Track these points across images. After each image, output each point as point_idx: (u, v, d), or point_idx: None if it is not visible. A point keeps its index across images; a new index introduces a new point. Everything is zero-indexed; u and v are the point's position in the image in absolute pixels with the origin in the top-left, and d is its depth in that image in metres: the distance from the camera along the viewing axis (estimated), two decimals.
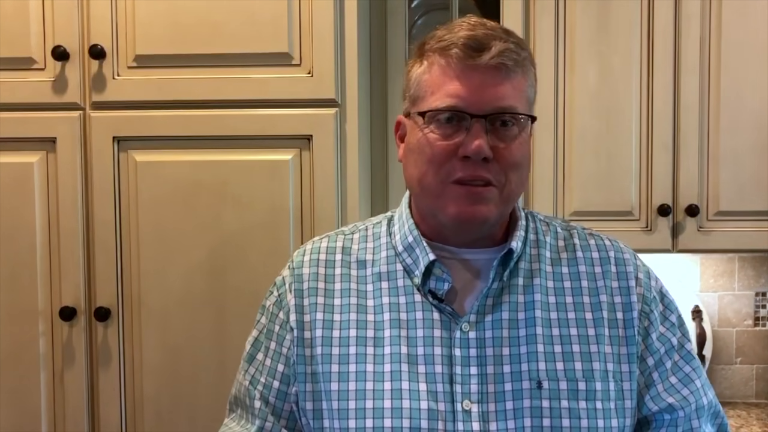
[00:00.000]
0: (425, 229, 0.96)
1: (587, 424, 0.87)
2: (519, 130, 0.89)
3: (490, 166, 0.87)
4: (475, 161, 0.86)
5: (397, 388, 0.88)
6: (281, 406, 0.95)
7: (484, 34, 0.87)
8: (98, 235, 1.49)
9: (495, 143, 0.87)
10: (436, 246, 0.94)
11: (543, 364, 0.89)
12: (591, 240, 0.98)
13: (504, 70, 0.87)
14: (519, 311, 0.91)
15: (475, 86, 0.87)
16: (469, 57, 0.87)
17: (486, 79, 0.87)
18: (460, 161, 0.87)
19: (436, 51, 0.89)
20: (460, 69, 0.87)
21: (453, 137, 0.87)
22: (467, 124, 0.87)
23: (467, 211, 0.88)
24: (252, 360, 0.99)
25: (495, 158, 0.87)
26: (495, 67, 0.87)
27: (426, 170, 0.89)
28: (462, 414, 0.87)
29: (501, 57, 0.86)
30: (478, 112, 0.86)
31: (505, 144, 0.88)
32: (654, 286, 0.97)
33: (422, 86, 0.91)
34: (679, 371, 0.95)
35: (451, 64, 0.88)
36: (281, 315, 0.96)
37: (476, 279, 0.94)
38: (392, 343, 0.90)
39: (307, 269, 0.97)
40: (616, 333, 0.92)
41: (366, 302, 0.94)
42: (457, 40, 0.87)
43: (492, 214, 0.89)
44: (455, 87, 0.87)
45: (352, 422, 0.88)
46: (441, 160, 0.88)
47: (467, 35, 0.87)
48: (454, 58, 0.87)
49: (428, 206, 0.92)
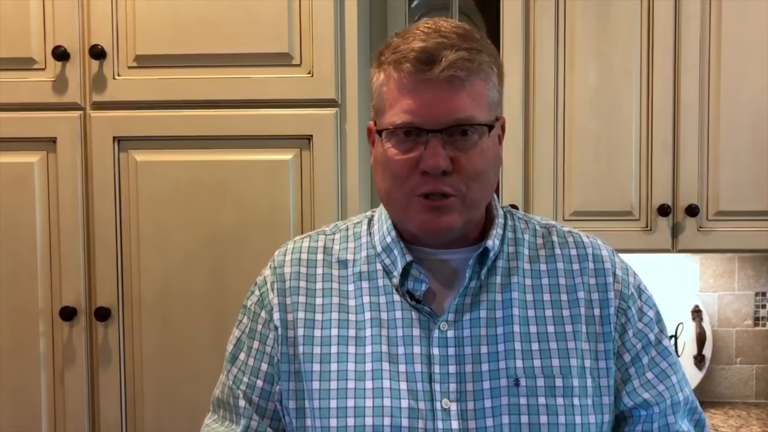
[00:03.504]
0: (402, 230, 0.96)
1: (564, 420, 0.88)
2: (479, 137, 0.88)
3: (450, 179, 0.87)
4: (434, 175, 0.87)
5: (378, 386, 0.89)
6: (265, 405, 0.95)
7: (435, 45, 0.86)
8: (98, 235, 1.49)
9: (454, 153, 0.87)
10: (414, 248, 0.95)
11: (520, 361, 0.89)
12: (569, 237, 0.99)
13: (457, 81, 0.86)
14: (496, 309, 0.92)
15: (428, 101, 0.86)
16: (419, 71, 0.85)
17: (439, 93, 0.86)
18: (420, 176, 0.87)
19: (391, 63, 0.89)
20: (413, 84, 0.86)
21: (412, 151, 0.87)
22: (424, 138, 0.87)
23: (431, 223, 0.89)
24: (234, 360, 0.99)
25: (455, 169, 0.87)
26: (447, 79, 0.85)
27: (391, 185, 0.90)
28: (441, 413, 0.87)
29: (452, 69, 0.85)
30: (433, 126, 0.86)
31: (464, 153, 0.87)
32: (632, 282, 0.98)
33: (381, 99, 0.90)
34: (655, 367, 0.95)
35: (403, 79, 0.87)
36: (263, 314, 0.96)
37: (454, 278, 0.94)
38: (373, 342, 0.91)
39: (289, 268, 0.97)
40: (593, 330, 0.93)
41: (347, 302, 0.94)
42: (409, 53, 0.86)
43: (455, 222, 0.89)
44: (408, 103, 0.86)
45: (334, 421, 0.88)
46: (403, 175, 0.88)
47: (419, 47, 0.86)
48: (406, 73, 0.86)
49: (397, 217, 0.94)
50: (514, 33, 1.74)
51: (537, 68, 1.74)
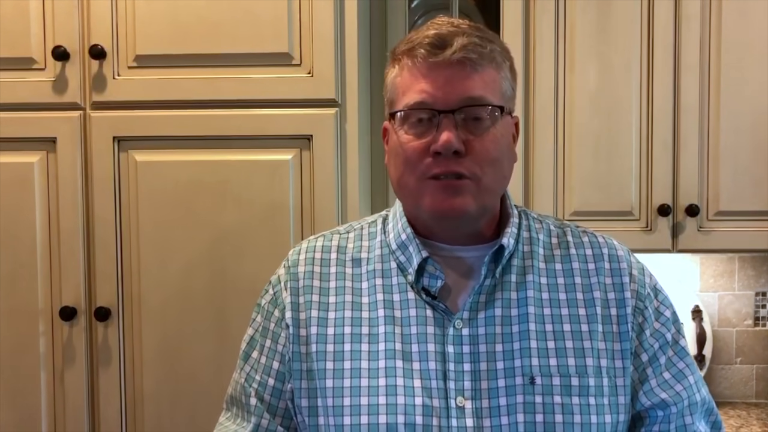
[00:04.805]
0: (418, 226, 0.96)
1: (580, 419, 0.87)
2: (491, 123, 0.89)
3: (463, 160, 0.88)
4: (447, 156, 0.87)
5: (392, 384, 0.88)
6: (276, 403, 0.95)
7: (448, 32, 0.89)
8: (98, 235, 1.49)
9: (467, 137, 0.88)
10: (429, 244, 0.95)
11: (536, 360, 0.89)
12: (584, 237, 0.99)
13: (470, 63, 0.88)
14: (512, 308, 0.91)
15: (441, 82, 0.88)
16: (432, 55, 0.88)
17: (451, 74, 0.88)
18: (432, 158, 0.88)
19: (405, 53, 0.91)
20: (426, 67, 0.89)
21: (424, 136, 0.89)
22: (437, 120, 0.88)
23: (444, 204, 0.88)
24: (247, 358, 0.99)
25: (468, 152, 0.88)
26: (459, 61, 0.87)
27: (402, 171, 0.91)
28: (456, 410, 0.87)
29: (464, 51, 0.87)
30: (445, 107, 0.87)
31: (477, 137, 0.88)
32: (648, 282, 0.98)
33: (395, 89, 0.93)
34: (672, 367, 0.95)
35: (416, 64, 0.89)
36: (276, 312, 0.97)
37: (469, 276, 0.94)
38: (386, 340, 0.91)
39: (303, 267, 0.98)
40: (609, 329, 0.92)
41: (360, 299, 0.94)
42: (422, 40, 0.89)
43: (469, 206, 0.89)
44: (422, 85, 0.88)
45: (347, 419, 0.88)
46: (415, 159, 0.89)
47: (432, 34, 0.89)
48: (419, 58, 0.89)
49: (410, 205, 0.94)
50: (514, 33, 1.74)
51: (537, 68, 1.74)
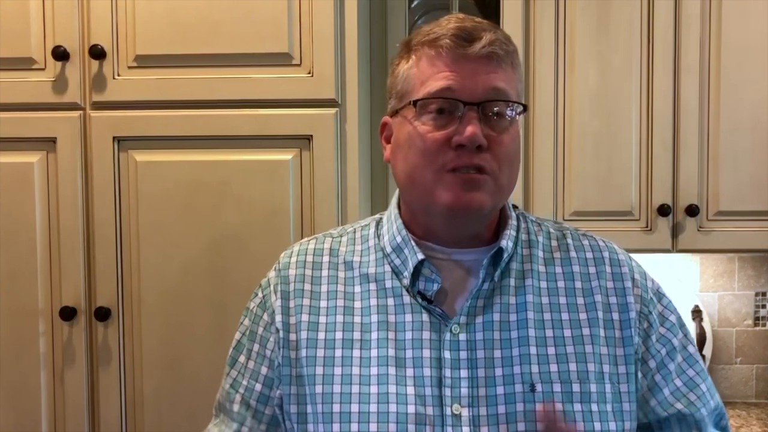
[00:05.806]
0: (415, 228, 0.94)
1: (583, 427, 0.84)
2: (510, 122, 0.88)
3: (484, 155, 0.85)
4: (470, 149, 0.84)
5: (384, 391, 0.86)
6: (262, 410, 0.93)
7: (473, 26, 0.87)
8: (98, 235, 1.49)
9: (488, 132, 0.86)
10: (425, 246, 0.92)
11: (536, 366, 0.86)
12: (584, 240, 0.97)
13: (495, 59, 0.86)
14: (510, 313, 0.89)
15: (467, 74, 0.86)
16: (459, 46, 0.86)
17: (478, 68, 0.86)
18: (453, 150, 0.85)
19: (425, 44, 0.88)
20: (451, 58, 0.86)
21: (445, 128, 0.86)
22: (460, 112, 0.85)
23: (463, 199, 0.85)
24: (234, 363, 0.97)
25: (489, 147, 0.86)
26: (486, 56, 0.86)
27: (417, 163, 0.87)
28: (451, 418, 0.84)
29: (492, 46, 0.86)
30: (470, 99, 0.85)
31: (498, 134, 0.87)
32: (651, 287, 0.96)
33: (410, 80, 0.89)
34: (683, 374, 0.94)
35: (441, 54, 0.87)
36: (265, 317, 0.94)
37: (466, 280, 0.91)
38: (379, 346, 0.88)
39: (294, 270, 0.95)
40: (612, 334, 0.90)
41: (353, 304, 0.91)
42: (447, 32, 0.87)
43: (486, 203, 0.86)
44: (446, 74, 0.86)
45: (337, 426, 0.85)
46: (434, 151, 0.85)
47: (456, 27, 0.87)
48: (445, 48, 0.86)
49: (420, 200, 0.90)
50: (514, 33, 1.74)
51: (537, 68, 1.74)
